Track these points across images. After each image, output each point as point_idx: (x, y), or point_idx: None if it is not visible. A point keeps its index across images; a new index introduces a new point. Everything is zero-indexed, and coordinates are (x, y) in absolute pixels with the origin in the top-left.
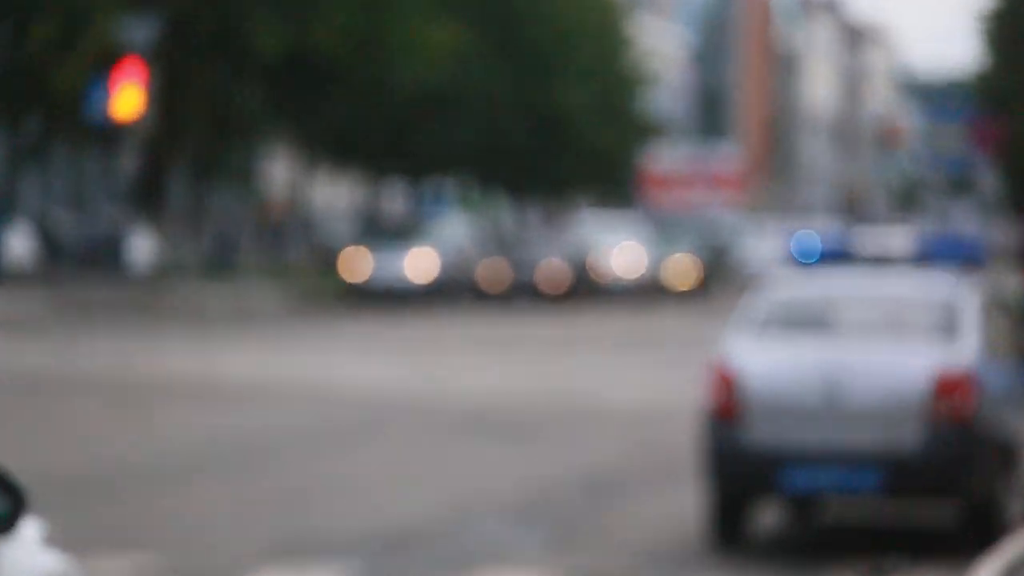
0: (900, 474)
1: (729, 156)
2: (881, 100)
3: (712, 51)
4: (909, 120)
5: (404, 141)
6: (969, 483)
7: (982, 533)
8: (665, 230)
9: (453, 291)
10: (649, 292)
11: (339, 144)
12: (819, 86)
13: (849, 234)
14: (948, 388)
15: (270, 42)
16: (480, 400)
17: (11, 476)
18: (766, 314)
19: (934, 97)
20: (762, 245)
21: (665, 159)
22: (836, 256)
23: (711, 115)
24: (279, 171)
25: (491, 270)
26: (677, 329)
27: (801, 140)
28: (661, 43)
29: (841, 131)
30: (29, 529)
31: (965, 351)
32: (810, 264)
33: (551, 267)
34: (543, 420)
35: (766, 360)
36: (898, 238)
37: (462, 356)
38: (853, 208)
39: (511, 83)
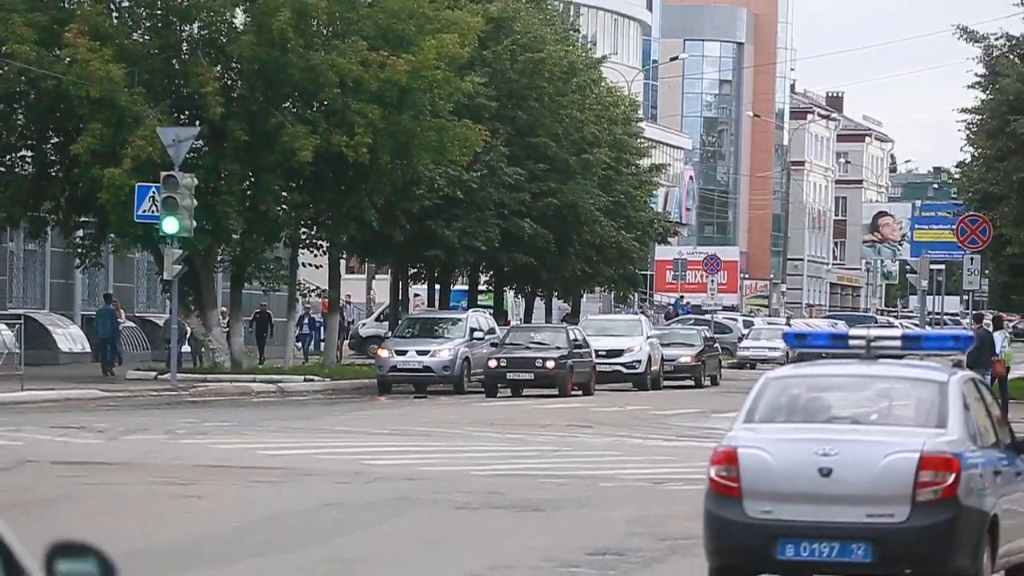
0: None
1: (731, 253)
2: (874, 196)
3: (715, 153)
4: (900, 214)
5: (427, 240)
6: (953, 559)
7: None
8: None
9: (467, 379)
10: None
11: (367, 243)
12: (817, 184)
13: (845, 326)
14: (935, 468)
15: (300, 147)
16: (496, 478)
17: (103, 550)
18: (765, 401)
19: (925, 193)
20: (763, 334)
21: (673, 254)
22: (830, 346)
23: (715, 214)
24: (312, 270)
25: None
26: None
27: (799, 237)
28: (669, 150)
29: (836, 226)
30: None
31: (950, 436)
32: (809, 354)
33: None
34: (559, 498)
35: (766, 443)
36: (889, 331)
37: (477, 439)
38: (847, 299)
39: (526, 183)
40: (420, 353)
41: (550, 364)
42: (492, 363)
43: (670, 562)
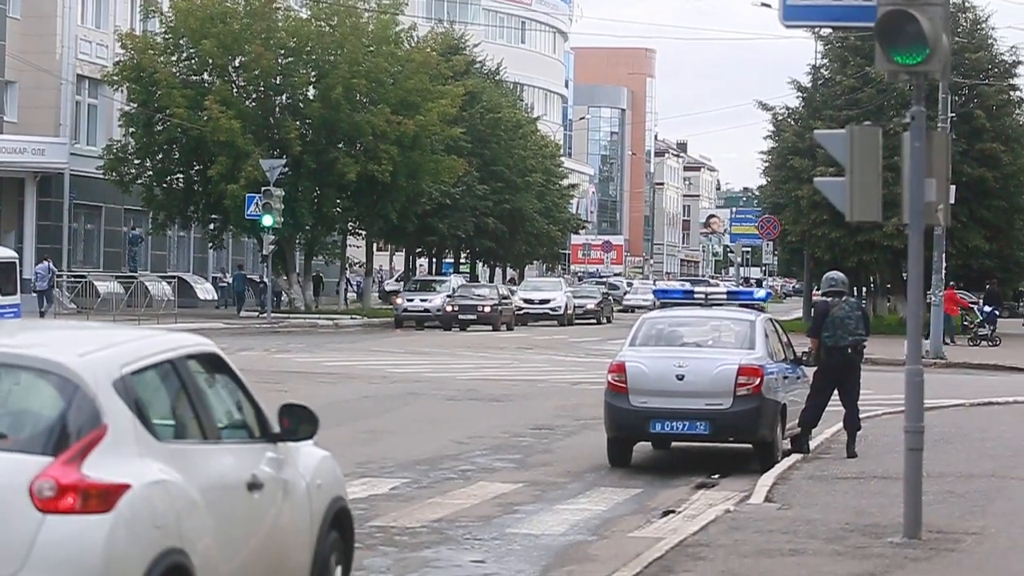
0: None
1: (619, 239)
2: (707, 204)
3: (608, 177)
4: (723, 216)
5: (427, 230)
6: (758, 431)
7: (765, 460)
8: (580, 281)
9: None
10: (567, 318)
11: (390, 232)
12: (671, 197)
13: (689, 285)
14: (747, 375)
15: (348, 172)
16: (472, 380)
17: (309, 408)
18: (642, 333)
19: (738, 203)
20: (639, 291)
21: (582, 241)
22: (682, 298)
23: (608, 215)
24: (355, 248)
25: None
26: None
27: (661, 230)
28: (580, 175)
29: (684, 223)
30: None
31: (756, 354)
32: (666, 303)
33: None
34: (512, 393)
35: (643, 359)
36: (717, 288)
37: (459, 355)
38: (691, 269)
39: (490, 194)
40: (422, 300)
41: (487, 309)
42: (448, 308)
43: (583, 434)
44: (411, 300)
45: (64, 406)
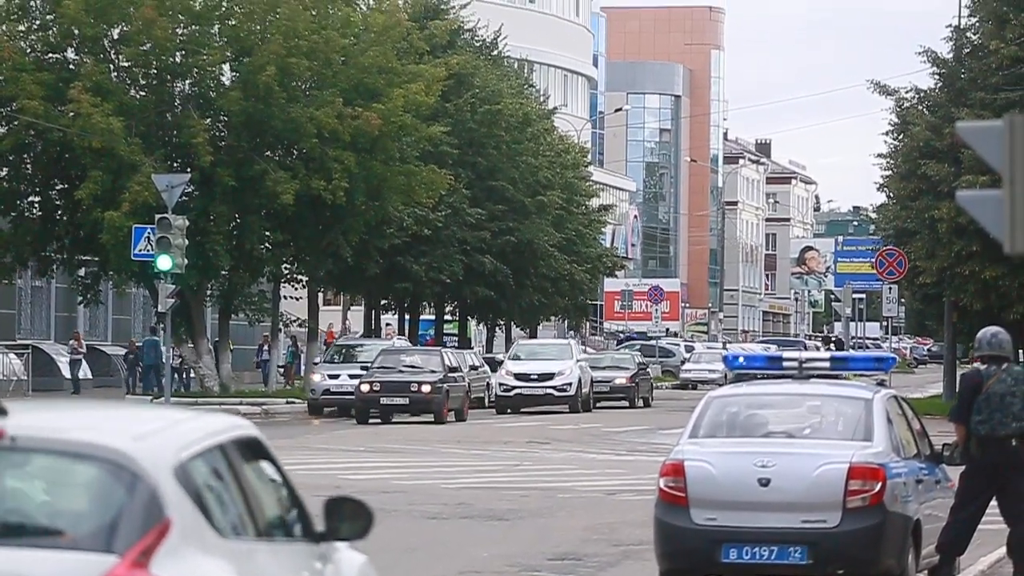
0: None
1: (673, 284)
2: (801, 232)
3: (657, 194)
4: (824, 248)
5: (397, 273)
6: (880, 559)
7: None
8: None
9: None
10: (581, 401)
11: (343, 277)
12: (749, 222)
13: (776, 349)
14: (862, 477)
15: (282, 191)
16: (464, 489)
17: (362, 503)
18: (708, 418)
19: (846, 229)
20: (703, 357)
21: (620, 286)
22: (766, 368)
23: (657, 249)
24: (292, 301)
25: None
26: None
27: (734, 269)
28: (615, 191)
29: (767, 259)
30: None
31: (875, 448)
32: (743, 375)
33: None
34: (521, 508)
35: (710, 456)
36: (817, 353)
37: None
38: (778, 325)
39: (487, 222)
40: (352, 377)
41: (424, 389)
42: (364, 387)
43: (623, 566)
44: (335, 377)
45: (123, 497)
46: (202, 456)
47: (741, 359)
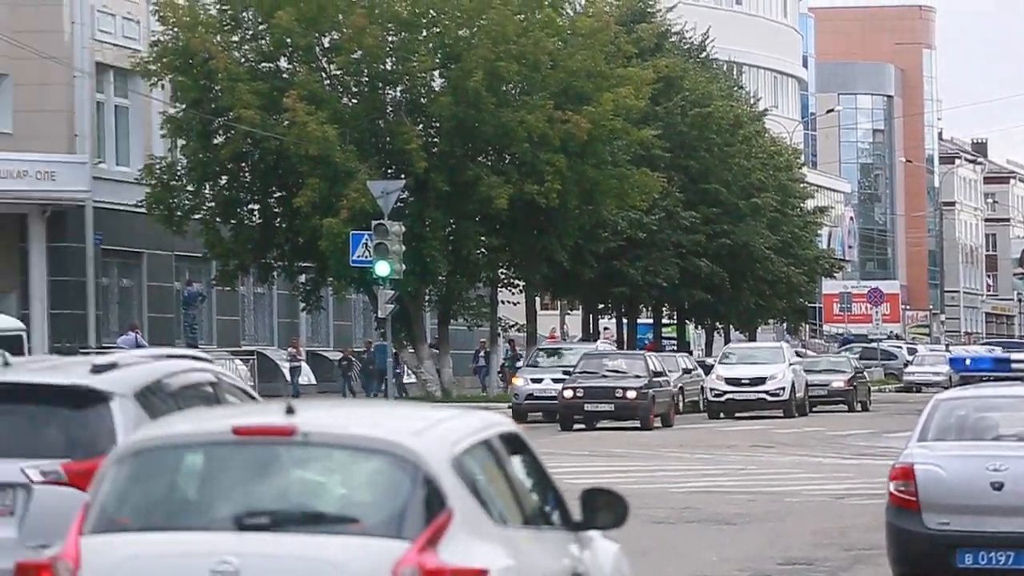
0: None
1: (892, 286)
2: (1022, 232)
3: (872, 195)
4: None
5: (613, 277)
6: None
7: None
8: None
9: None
10: (795, 405)
11: (559, 281)
12: (967, 222)
13: (1002, 351)
14: None
15: (496, 196)
16: (689, 494)
17: (618, 494)
18: (937, 421)
19: None
20: (926, 360)
21: (839, 288)
22: (993, 370)
23: (875, 251)
24: (510, 307)
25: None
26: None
27: (955, 270)
28: (830, 193)
29: (988, 260)
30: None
31: None
32: (969, 377)
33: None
34: (749, 512)
35: (940, 459)
36: None
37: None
38: (1001, 327)
39: (701, 225)
40: (555, 381)
41: (631, 395)
42: (567, 392)
43: (855, 570)
44: (538, 381)
45: (409, 488)
46: (472, 450)
47: (967, 361)
